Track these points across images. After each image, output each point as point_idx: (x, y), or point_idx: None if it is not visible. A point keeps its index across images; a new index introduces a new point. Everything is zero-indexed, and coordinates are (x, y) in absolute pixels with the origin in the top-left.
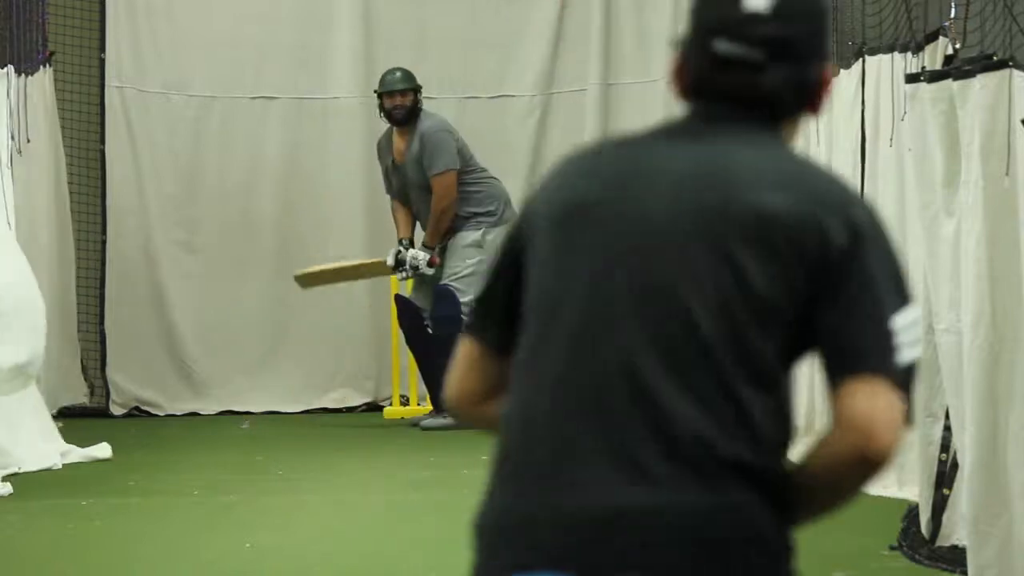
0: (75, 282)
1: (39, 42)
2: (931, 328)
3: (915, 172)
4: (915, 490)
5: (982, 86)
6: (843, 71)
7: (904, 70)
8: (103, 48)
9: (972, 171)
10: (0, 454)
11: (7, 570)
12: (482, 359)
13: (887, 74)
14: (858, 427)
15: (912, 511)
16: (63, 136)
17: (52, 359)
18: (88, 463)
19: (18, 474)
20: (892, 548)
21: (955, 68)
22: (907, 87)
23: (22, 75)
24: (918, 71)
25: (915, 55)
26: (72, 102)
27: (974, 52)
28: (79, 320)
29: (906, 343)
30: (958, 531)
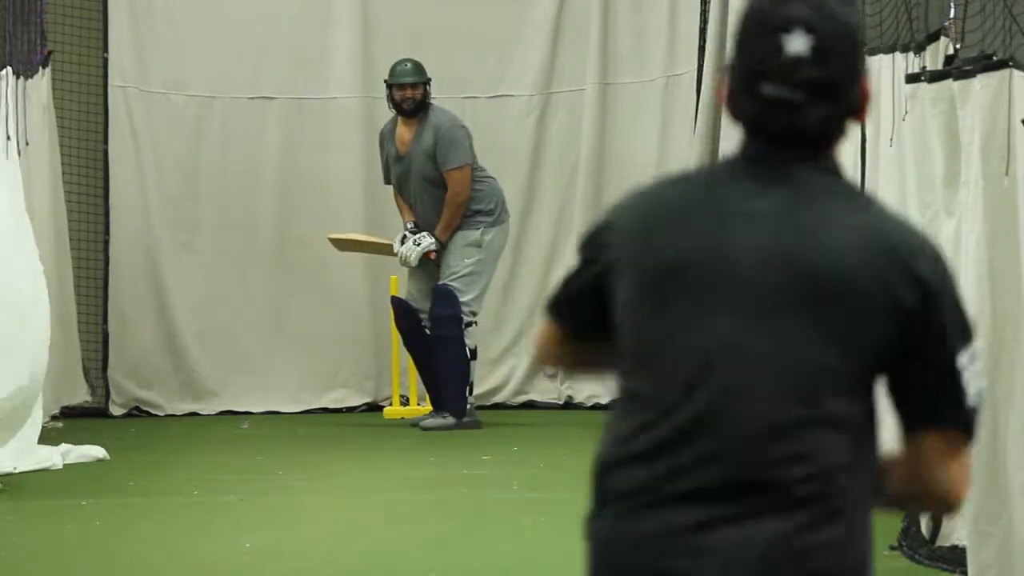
0: (74, 282)
1: (38, 43)
2: None
3: (915, 172)
4: None
5: (982, 86)
6: None
7: (904, 70)
8: (106, 48)
9: (972, 171)
10: None
11: (6, 570)
12: (565, 339)
13: (887, 74)
14: (938, 485)
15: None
16: (64, 136)
17: (52, 359)
18: (88, 463)
19: (12, 474)
20: (892, 548)
21: (955, 68)
22: (907, 87)
23: (20, 76)
24: (918, 71)
25: (916, 55)
26: (74, 102)
27: (974, 52)
28: (79, 320)
29: (972, 377)
30: (958, 531)
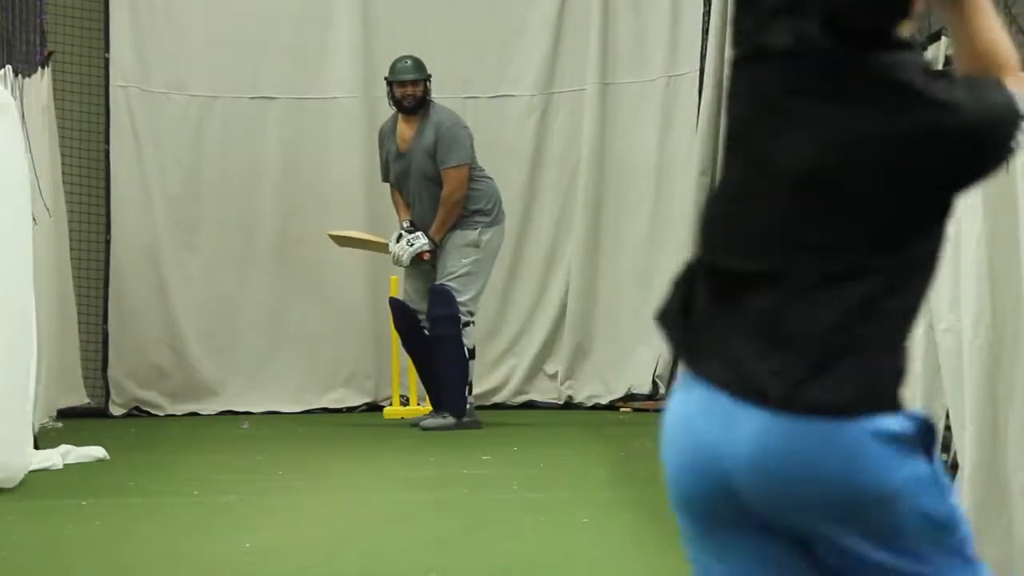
0: (74, 282)
1: (38, 43)
2: (931, 328)
3: None
4: None
5: None
6: None
7: None
8: (107, 47)
9: None
10: None
11: (6, 570)
12: None
13: None
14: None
15: None
16: (65, 136)
17: (52, 359)
18: (88, 463)
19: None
20: None
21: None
22: None
23: (19, 76)
24: None
25: None
26: (74, 102)
27: None
28: (80, 320)
29: None
30: None
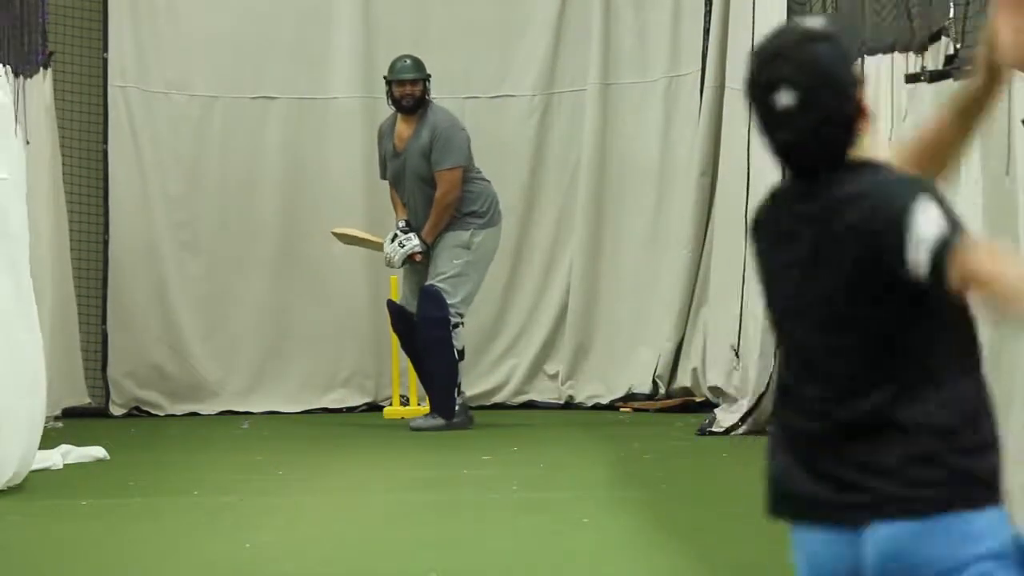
0: (74, 282)
1: (38, 43)
2: None
3: None
4: None
5: None
6: None
7: (904, 70)
8: (106, 48)
9: (972, 171)
10: None
11: (7, 570)
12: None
13: (887, 74)
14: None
15: None
16: (65, 136)
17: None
18: (88, 463)
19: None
20: None
21: (955, 68)
22: (907, 87)
23: (20, 76)
24: (918, 71)
25: (918, 55)
26: (74, 102)
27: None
28: (80, 320)
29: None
30: None
